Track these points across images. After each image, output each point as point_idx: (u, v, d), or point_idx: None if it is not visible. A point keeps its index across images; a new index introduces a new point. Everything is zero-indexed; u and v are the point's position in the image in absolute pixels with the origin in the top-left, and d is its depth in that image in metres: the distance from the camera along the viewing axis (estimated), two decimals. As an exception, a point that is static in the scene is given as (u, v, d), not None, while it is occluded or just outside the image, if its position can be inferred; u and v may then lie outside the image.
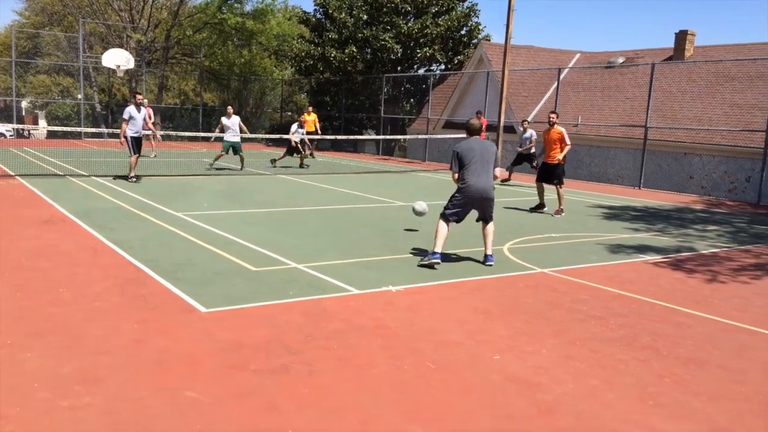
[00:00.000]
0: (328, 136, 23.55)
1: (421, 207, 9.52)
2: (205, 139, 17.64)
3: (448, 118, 28.57)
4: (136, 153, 13.81)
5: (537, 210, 12.02)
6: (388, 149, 31.59)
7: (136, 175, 13.87)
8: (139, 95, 14.21)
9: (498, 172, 7.30)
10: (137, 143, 13.84)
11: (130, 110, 13.70)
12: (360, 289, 6.06)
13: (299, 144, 19.38)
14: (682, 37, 23.88)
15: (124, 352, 4.31)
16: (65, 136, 30.19)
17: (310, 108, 22.09)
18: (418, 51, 30.67)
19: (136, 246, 7.51)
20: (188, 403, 3.62)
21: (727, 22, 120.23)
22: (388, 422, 3.49)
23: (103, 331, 4.69)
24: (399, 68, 31.81)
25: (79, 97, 33.54)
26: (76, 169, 16.00)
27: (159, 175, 15.20)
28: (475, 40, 31.21)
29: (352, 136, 26.58)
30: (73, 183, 13.39)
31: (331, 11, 31.29)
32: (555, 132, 11.70)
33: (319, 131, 21.82)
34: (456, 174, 7.21)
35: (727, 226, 11.46)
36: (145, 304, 5.35)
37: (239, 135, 17.18)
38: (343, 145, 30.80)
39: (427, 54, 30.46)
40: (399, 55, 31.45)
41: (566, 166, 12.58)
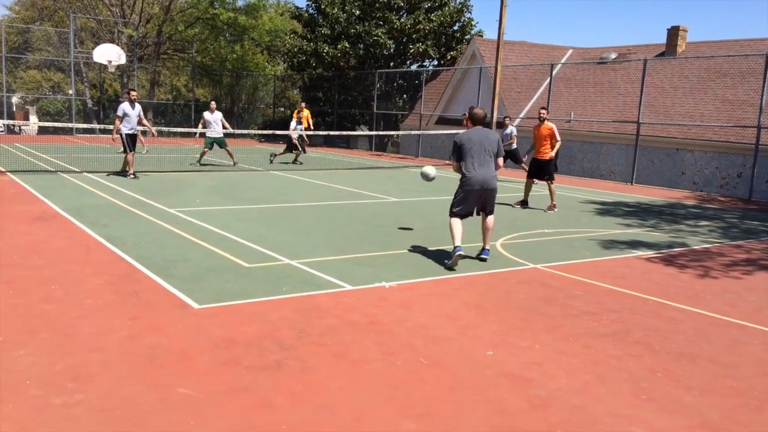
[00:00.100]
0: (321, 132, 23.51)
1: (432, 172, 8.82)
2: (202, 135, 17.52)
3: (441, 113, 28.57)
4: (132, 150, 13.76)
5: (521, 205, 12.02)
6: (381, 145, 31.56)
7: (134, 172, 13.83)
8: (134, 92, 14.16)
9: (501, 161, 7.20)
10: (132, 140, 13.78)
11: (125, 107, 13.64)
12: (353, 285, 6.06)
13: (297, 140, 19.39)
14: (674, 33, 23.93)
15: (117, 348, 4.30)
16: (56, 132, 30.00)
17: (303, 104, 22.07)
18: (411, 47, 30.63)
19: (129, 242, 7.48)
20: (181, 399, 3.61)
21: (719, 19, 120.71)
22: (382, 418, 3.50)
23: (95, 328, 4.68)
24: (392, 64, 31.78)
25: (71, 92, 33.36)
26: (67, 166, 15.92)
27: (151, 171, 15.14)
28: (468, 36, 31.19)
29: (345, 132, 26.54)
30: (64, 179, 13.32)
31: (323, 7, 31.19)
32: (545, 128, 11.71)
33: (311, 127, 21.79)
34: (455, 164, 7.18)
35: (718, 222, 11.51)
36: (138, 301, 5.34)
37: (221, 131, 17.13)
38: (336, 141, 30.78)
39: (420, 50, 30.43)
40: (392, 50, 31.41)
41: (559, 161, 12.60)
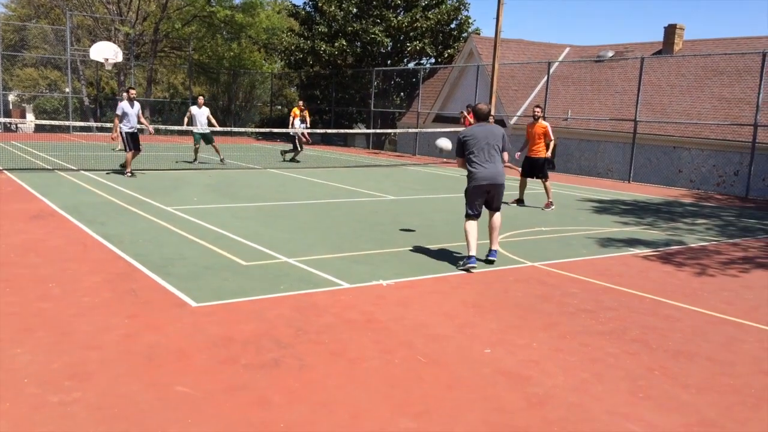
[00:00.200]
0: (319, 130, 23.50)
1: (446, 145, 8.26)
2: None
3: (438, 112, 28.57)
4: (132, 149, 13.74)
5: (517, 203, 12.03)
6: (379, 143, 31.55)
7: (132, 170, 13.81)
8: (133, 90, 14.15)
9: (506, 156, 7.08)
10: (132, 138, 13.76)
11: (124, 106, 13.64)
12: (351, 283, 6.06)
13: (298, 139, 19.42)
14: (671, 31, 23.96)
15: (115, 347, 4.30)
16: (53, 129, 29.96)
17: (301, 103, 22.09)
18: (408, 44, 30.63)
19: (126, 241, 7.47)
20: (179, 397, 3.61)
21: (715, 17, 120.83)
22: (379, 416, 3.50)
23: (93, 326, 4.67)
24: (389, 62, 31.76)
25: (67, 90, 33.28)
26: (64, 163, 15.89)
27: (149, 169, 15.12)
28: (465, 34, 31.20)
29: (343, 130, 26.51)
30: (61, 177, 13.30)
31: (320, 4, 31.17)
32: (539, 126, 11.72)
33: (308, 126, 21.78)
34: (459, 160, 7.13)
35: (715, 220, 11.53)
36: (135, 299, 5.33)
37: (207, 128, 17.08)
38: (333, 139, 30.75)
39: (417, 47, 30.43)
40: (389, 48, 31.41)
41: (556, 160, 12.59)
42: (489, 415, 3.56)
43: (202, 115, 16.94)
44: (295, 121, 19.52)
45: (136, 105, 13.87)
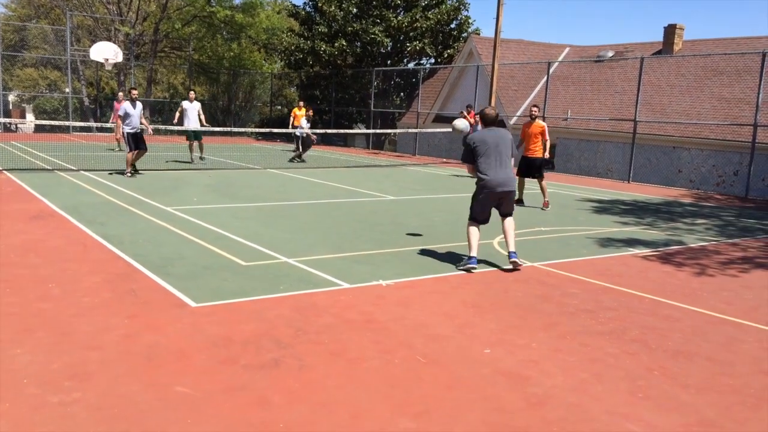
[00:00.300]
0: (319, 130, 23.50)
1: (462, 126, 8.06)
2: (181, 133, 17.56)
3: (438, 112, 28.56)
4: (133, 149, 13.74)
5: (516, 204, 12.00)
6: (378, 143, 31.56)
7: (131, 171, 13.82)
8: (134, 91, 14.17)
9: (512, 162, 7.02)
10: (135, 139, 13.76)
11: (126, 107, 13.64)
12: (350, 283, 6.06)
13: (300, 139, 19.44)
14: (670, 31, 23.95)
15: (114, 347, 4.30)
16: (53, 130, 29.95)
17: (301, 103, 22.11)
18: (408, 45, 30.63)
19: (126, 241, 7.48)
20: (178, 398, 3.61)
21: (715, 17, 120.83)
22: (379, 416, 3.50)
23: (92, 326, 4.67)
24: (389, 62, 31.76)
25: (67, 90, 33.28)
26: (64, 164, 15.90)
27: (149, 170, 15.12)
28: (465, 34, 31.20)
29: (342, 130, 26.52)
30: (61, 177, 13.30)
31: (320, 4, 31.17)
32: (536, 126, 11.70)
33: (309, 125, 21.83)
34: (469, 167, 7.05)
35: (715, 220, 11.54)
36: (135, 299, 5.33)
37: (197, 124, 17.09)
38: (333, 139, 30.74)
39: (417, 48, 30.43)
40: (389, 48, 31.40)
41: (556, 160, 12.58)
42: (488, 415, 3.56)
43: (193, 110, 16.94)
44: (302, 121, 19.52)
45: (139, 105, 13.87)
